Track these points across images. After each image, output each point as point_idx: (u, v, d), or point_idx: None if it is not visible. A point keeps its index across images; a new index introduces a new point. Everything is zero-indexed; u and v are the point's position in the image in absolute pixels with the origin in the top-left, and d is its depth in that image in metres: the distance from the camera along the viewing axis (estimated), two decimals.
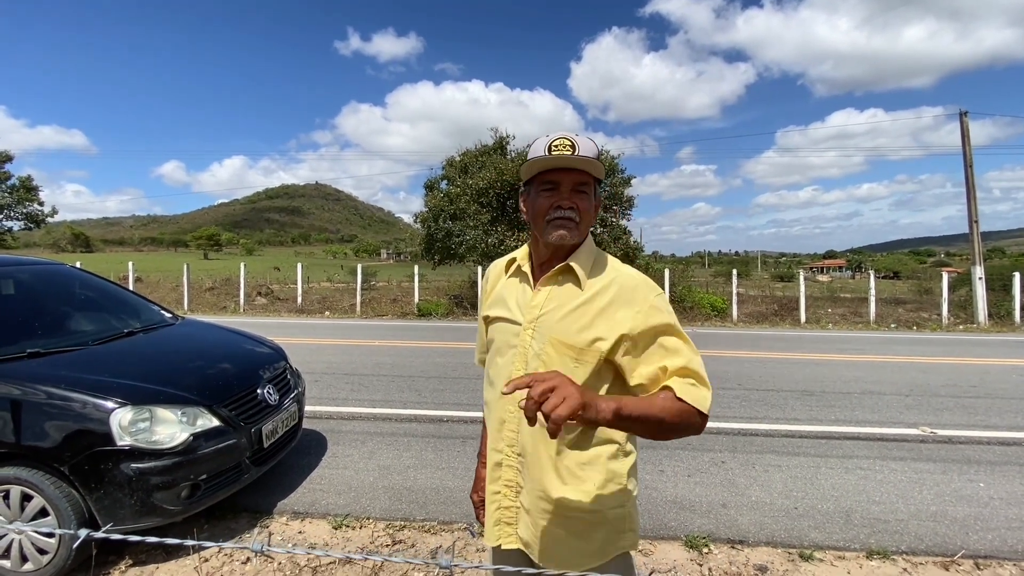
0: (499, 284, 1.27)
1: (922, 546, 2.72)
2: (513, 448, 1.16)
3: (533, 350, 1.13)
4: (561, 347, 1.09)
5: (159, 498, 2.40)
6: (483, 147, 17.27)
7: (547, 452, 1.12)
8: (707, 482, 3.43)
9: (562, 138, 1.08)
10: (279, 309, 15.41)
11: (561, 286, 1.14)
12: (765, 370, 6.81)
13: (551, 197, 1.10)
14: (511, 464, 1.17)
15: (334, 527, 2.86)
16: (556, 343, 1.10)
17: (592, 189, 1.12)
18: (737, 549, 2.69)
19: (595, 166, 1.08)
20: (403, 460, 3.79)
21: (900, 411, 4.98)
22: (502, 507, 1.19)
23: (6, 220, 24.14)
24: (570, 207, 1.09)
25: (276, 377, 3.32)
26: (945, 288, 13.01)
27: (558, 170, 1.09)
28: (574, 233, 1.11)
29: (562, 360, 1.09)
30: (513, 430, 1.16)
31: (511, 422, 1.17)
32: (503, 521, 1.19)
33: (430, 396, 5.49)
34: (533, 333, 1.13)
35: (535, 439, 1.12)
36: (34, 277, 3.34)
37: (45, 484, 2.30)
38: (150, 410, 2.46)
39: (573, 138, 1.08)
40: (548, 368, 1.09)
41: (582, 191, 1.10)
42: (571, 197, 1.10)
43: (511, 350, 1.17)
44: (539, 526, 1.13)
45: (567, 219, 1.09)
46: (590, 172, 1.10)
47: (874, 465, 3.71)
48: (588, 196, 1.11)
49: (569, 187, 1.10)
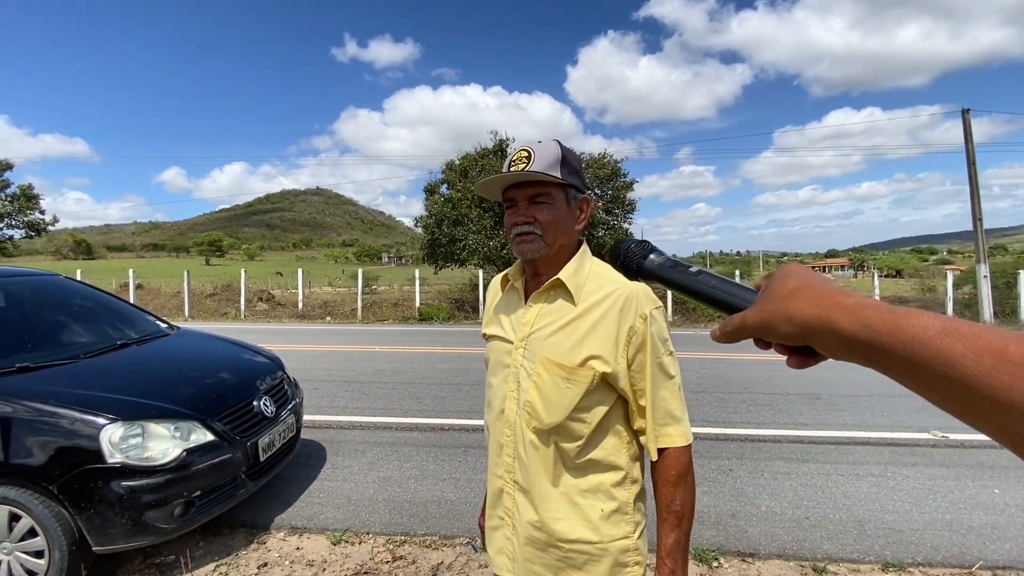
0: (496, 301, 1.23)
1: (939, 557, 2.64)
2: (511, 474, 1.11)
3: (525, 370, 1.08)
4: (551, 366, 1.04)
5: (152, 516, 2.33)
6: (483, 150, 17.23)
7: (546, 478, 1.06)
8: (715, 491, 3.35)
9: (520, 151, 1.05)
10: (280, 315, 15.36)
11: (552, 302, 1.09)
12: (770, 373, 6.72)
13: (512, 215, 1.08)
14: (509, 492, 1.12)
15: (333, 543, 2.78)
16: (546, 362, 1.05)
17: (557, 196, 1.06)
18: (748, 563, 2.61)
19: (538, 177, 1.02)
20: (404, 471, 3.71)
21: (910, 414, 4.89)
22: (506, 537, 1.13)
23: (7, 229, 24.14)
24: (526, 221, 1.05)
25: (273, 388, 3.25)
26: (950, 286, 12.92)
27: (514, 186, 1.06)
28: (539, 245, 1.05)
29: (553, 380, 1.03)
30: (510, 455, 1.11)
31: (508, 447, 1.11)
32: (504, 553, 1.13)
33: (431, 404, 5.41)
34: (524, 352, 1.09)
35: (534, 465, 1.06)
36: (25, 289, 3.28)
37: (34, 503, 2.23)
38: (142, 425, 2.39)
39: (532, 149, 1.04)
40: (541, 389, 1.04)
41: (540, 202, 1.05)
42: (528, 210, 1.05)
43: (504, 370, 1.13)
44: (534, 561, 1.07)
45: (527, 234, 1.05)
46: (547, 180, 1.04)
47: (885, 471, 3.63)
48: (549, 205, 1.05)
49: (525, 201, 1.05)
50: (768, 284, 0.48)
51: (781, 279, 0.46)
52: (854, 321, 0.39)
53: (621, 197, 16.43)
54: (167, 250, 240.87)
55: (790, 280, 0.45)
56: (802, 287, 0.44)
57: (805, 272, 0.46)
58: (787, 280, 0.45)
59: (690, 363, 7.35)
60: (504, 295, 1.20)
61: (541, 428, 1.05)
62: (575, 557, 1.05)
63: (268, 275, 32.82)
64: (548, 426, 1.05)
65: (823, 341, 0.41)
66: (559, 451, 1.06)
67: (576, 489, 1.06)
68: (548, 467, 1.06)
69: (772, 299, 0.45)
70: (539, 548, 1.07)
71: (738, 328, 0.47)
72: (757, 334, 0.46)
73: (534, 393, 1.06)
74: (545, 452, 1.06)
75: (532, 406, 1.06)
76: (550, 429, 1.05)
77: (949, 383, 0.33)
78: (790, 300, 0.43)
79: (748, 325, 0.46)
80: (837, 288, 0.43)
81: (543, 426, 1.05)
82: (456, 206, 15.95)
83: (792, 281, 0.45)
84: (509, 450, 1.11)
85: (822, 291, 0.43)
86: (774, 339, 0.45)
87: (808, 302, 0.42)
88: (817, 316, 0.41)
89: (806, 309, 0.42)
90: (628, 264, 0.65)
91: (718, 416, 4.86)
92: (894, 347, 0.36)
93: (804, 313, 0.42)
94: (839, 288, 0.43)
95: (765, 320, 0.45)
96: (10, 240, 24.62)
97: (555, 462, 1.06)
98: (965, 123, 13.96)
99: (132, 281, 16.55)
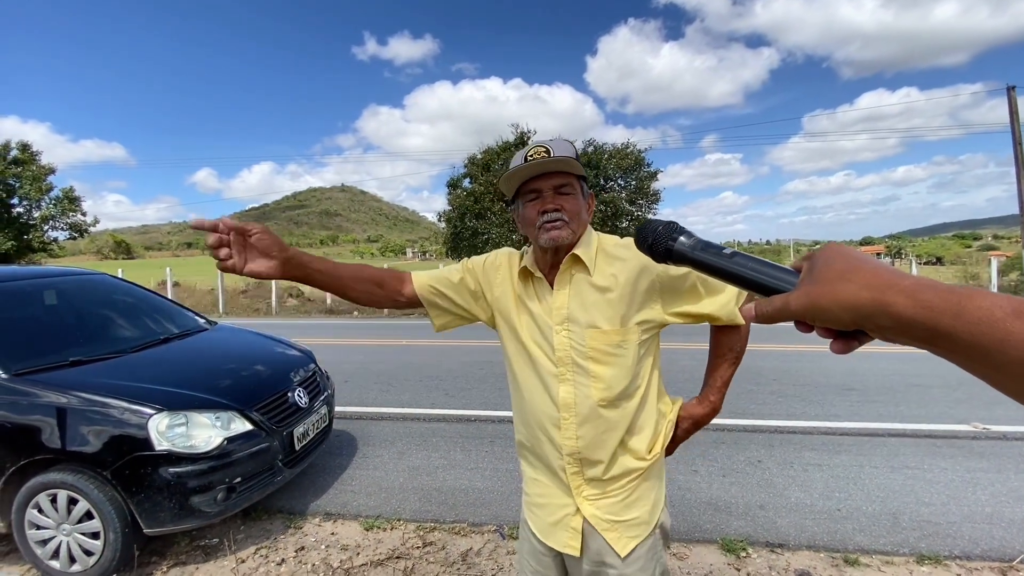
0: (513, 291, 1.24)
1: (977, 550, 2.57)
2: (574, 455, 1.17)
3: (577, 350, 1.13)
4: (601, 336, 1.11)
5: (197, 501, 2.46)
6: (505, 143, 17.22)
7: (612, 443, 1.15)
8: (743, 482, 3.33)
9: (536, 148, 1.11)
10: (310, 310, 15.74)
11: (576, 282, 1.16)
12: (802, 364, 6.58)
13: (536, 204, 1.12)
14: (569, 470, 1.19)
15: (365, 528, 2.88)
16: (595, 334, 1.11)
17: (577, 188, 1.13)
18: (777, 553, 2.60)
19: (571, 164, 1.09)
20: (432, 461, 3.80)
21: (949, 406, 4.73)
22: (568, 515, 1.20)
23: (51, 231, 25.30)
24: (555, 208, 1.10)
25: (306, 380, 3.36)
26: (994, 273, 12.36)
27: (537, 178, 1.11)
28: (567, 231, 1.11)
29: (612, 348, 1.12)
30: (572, 437, 1.16)
31: (569, 428, 1.16)
32: (568, 526, 1.20)
33: (458, 395, 5.50)
34: (569, 334, 1.14)
35: (599, 435, 1.15)
36: (75, 287, 3.47)
37: (89, 488, 2.38)
38: (186, 415, 2.52)
39: (548, 144, 1.11)
40: (600, 364, 1.12)
41: (565, 192, 1.12)
42: (555, 199, 1.11)
43: (548, 359, 1.17)
44: (595, 506, 1.17)
45: (556, 221, 1.10)
46: (570, 171, 1.11)
47: (922, 464, 3.54)
48: (574, 195, 1.12)
49: (551, 191, 1.11)
50: (811, 266, 0.45)
51: (826, 260, 0.43)
52: (913, 304, 0.36)
53: (645, 187, 16.23)
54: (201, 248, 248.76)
55: (837, 262, 0.42)
56: (852, 269, 0.41)
57: (852, 252, 0.43)
58: (833, 262, 0.42)
59: None
60: (522, 285, 1.23)
61: (611, 397, 1.13)
62: (628, 490, 1.18)
63: None
64: (617, 393, 1.13)
65: (878, 325, 0.39)
66: (623, 413, 1.15)
67: (636, 438, 1.17)
68: (616, 431, 1.14)
69: (819, 281, 0.42)
70: (602, 483, 1.17)
71: (779, 311, 0.45)
72: (802, 318, 0.43)
73: (596, 367, 1.12)
74: (611, 417, 1.14)
75: (598, 378, 1.13)
76: (617, 395, 1.13)
77: (1021, 367, 0.31)
78: (840, 283, 0.40)
79: (792, 309, 0.44)
80: (890, 268, 0.40)
81: (613, 394, 1.13)
82: (479, 200, 16.01)
83: (839, 263, 0.42)
84: (570, 432, 1.15)
85: (875, 272, 0.40)
86: (821, 323, 0.43)
87: (860, 284, 0.39)
88: (872, 300, 0.38)
89: (859, 293, 0.39)
90: (656, 247, 0.61)
91: (747, 408, 4.80)
92: (957, 330, 0.34)
93: (857, 297, 0.39)
94: (892, 268, 0.40)
95: (813, 303, 0.42)
96: (55, 241, 25.80)
97: (618, 425, 1.15)
98: (1011, 101, 13.28)
99: (169, 279, 17.18)
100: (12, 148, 23.87)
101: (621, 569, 1.14)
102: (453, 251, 17.79)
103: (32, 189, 23.75)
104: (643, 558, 1.15)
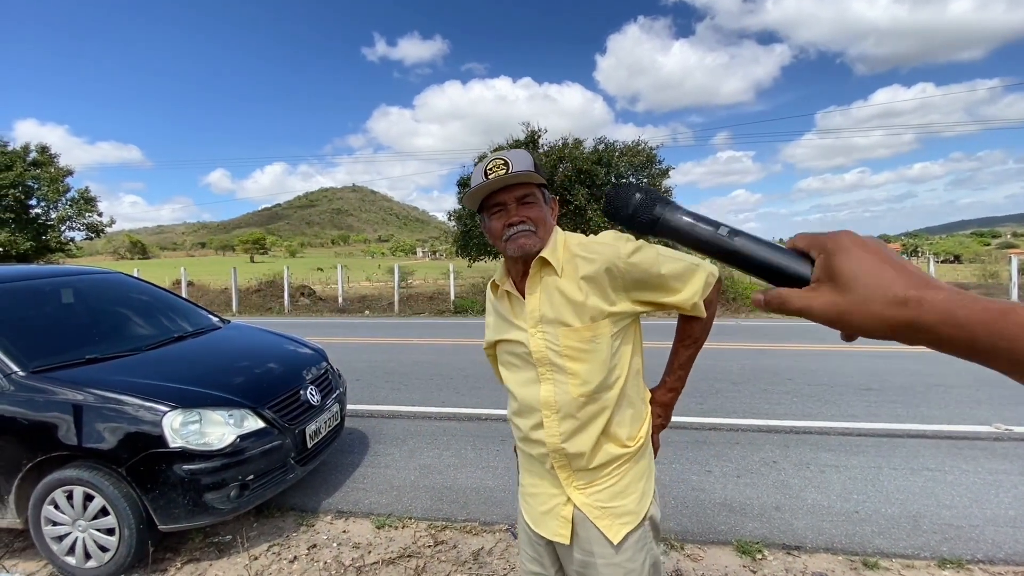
0: (493, 309, 1.32)
1: (1001, 554, 2.50)
2: (559, 451, 1.20)
3: (552, 350, 1.17)
4: (572, 334, 1.15)
5: (210, 498, 2.47)
6: (515, 142, 17.20)
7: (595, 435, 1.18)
8: (758, 483, 3.28)
9: (495, 160, 1.13)
10: (321, 309, 15.85)
11: (545, 285, 1.19)
12: (817, 363, 6.48)
13: (501, 217, 1.15)
14: (556, 465, 1.22)
15: (377, 527, 2.88)
16: (566, 332, 1.15)
17: (539, 196, 1.17)
18: (794, 556, 2.55)
19: (532, 176, 1.12)
20: (443, 459, 3.79)
21: (970, 407, 4.63)
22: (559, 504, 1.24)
23: (68, 231, 25.73)
24: (521, 220, 1.14)
25: (318, 378, 3.37)
26: (1014, 271, 12.07)
27: (500, 191, 1.14)
28: (535, 240, 1.15)
29: (584, 343, 1.14)
30: (555, 434, 1.20)
31: (552, 426, 1.20)
32: (558, 515, 1.23)
33: (468, 394, 5.49)
34: (543, 335, 1.18)
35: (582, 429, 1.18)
36: (91, 286, 3.51)
37: (104, 484, 2.40)
38: (199, 413, 2.53)
39: (506, 156, 1.13)
40: (575, 361, 1.15)
41: (528, 202, 1.15)
42: (519, 211, 1.14)
43: (525, 362, 1.22)
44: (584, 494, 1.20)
45: (523, 232, 1.14)
46: (531, 182, 1.14)
47: (943, 466, 3.46)
48: (536, 204, 1.16)
49: (514, 203, 1.14)
50: (830, 265, 0.42)
51: (852, 267, 0.40)
52: (948, 322, 0.36)
53: (657, 185, 16.10)
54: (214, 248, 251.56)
55: (863, 269, 0.40)
56: (882, 281, 0.39)
57: (878, 253, 0.41)
58: (860, 270, 0.40)
59: (732, 354, 7.16)
60: (498, 300, 1.29)
61: (588, 391, 1.16)
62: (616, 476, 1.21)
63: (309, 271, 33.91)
64: (594, 386, 1.16)
65: (913, 340, 0.38)
66: (602, 405, 1.17)
67: (618, 427, 1.20)
68: (597, 423, 1.17)
69: (846, 290, 0.40)
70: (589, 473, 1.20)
71: (799, 311, 0.43)
72: (826, 324, 0.42)
73: (571, 364, 1.15)
74: (591, 410, 1.17)
75: (575, 374, 1.16)
76: (595, 388, 1.16)
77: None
78: (871, 298, 0.39)
79: (816, 314, 0.42)
80: (922, 277, 0.39)
81: (590, 388, 1.16)
82: None
83: (867, 271, 0.40)
84: (553, 429, 1.19)
85: (907, 282, 0.38)
86: (847, 332, 0.42)
87: (892, 301, 0.38)
88: (907, 320, 0.38)
89: (894, 312, 0.38)
90: (638, 218, 0.54)
91: (761, 408, 4.73)
92: (997, 345, 0.34)
93: (892, 317, 0.38)
94: (923, 276, 0.39)
95: (841, 315, 0.41)
96: (72, 241, 26.23)
97: (599, 416, 1.17)
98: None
99: (184, 278, 17.40)
100: (31, 151, 24.31)
101: (610, 558, 1.17)
102: (463, 250, 17.81)
103: (50, 191, 24.18)
104: (632, 548, 1.18)
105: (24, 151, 24.08)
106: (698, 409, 4.66)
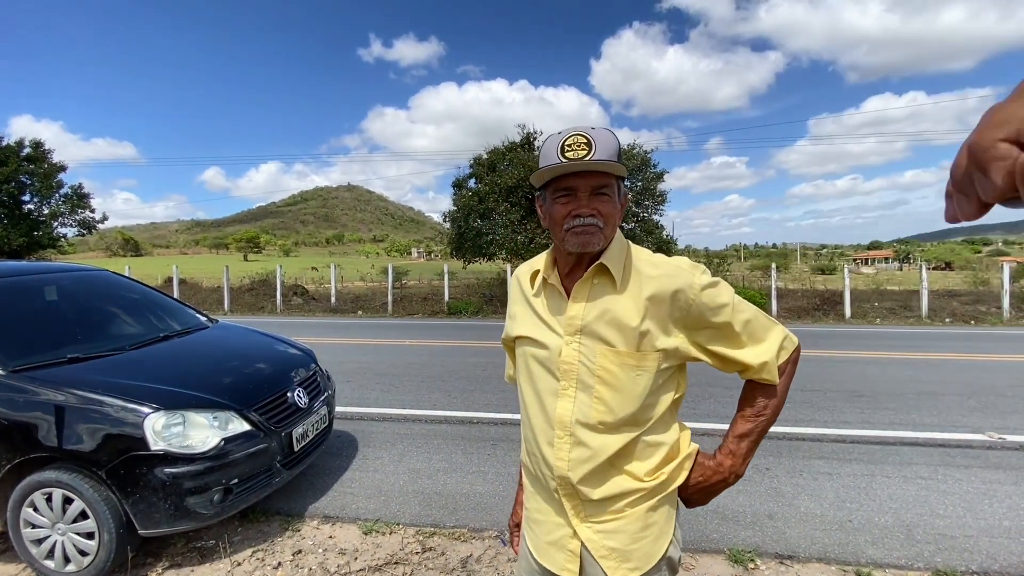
0: (526, 298, 1.15)
1: (995, 566, 2.48)
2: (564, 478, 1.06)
3: (585, 367, 1.02)
4: (613, 356, 1.00)
5: (192, 502, 2.41)
6: (510, 144, 17.19)
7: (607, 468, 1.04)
8: (751, 491, 3.25)
9: (575, 136, 0.96)
10: (314, 309, 15.74)
11: (597, 292, 1.03)
12: (809, 369, 6.48)
13: (568, 204, 1.00)
14: (563, 491, 1.08)
15: (364, 532, 2.83)
16: (606, 352, 1.00)
17: (615, 189, 1.01)
18: (786, 565, 2.52)
19: (616, 168, 0.97)
20: (433, 463, 3.74)
21: (962, 414, 4.63)
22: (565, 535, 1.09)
23: (60, 227, 25.48)
24: (591, 214, 0.98)
25: (306, 380, 3.31)
26: (1006, 279, 12.16)
27: (574, 174, 0.98)
28: (598, 239, 0.99)
29: (623, 371, 1.00)
30: (564, 458, 1.05)
31: (563, 447, 1.06)
32: (563, 547, 1.09)
33: (460, 397, 5.44)
34: (579, 346, 1.03)
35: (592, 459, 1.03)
36: (75, 283, 3.44)
37: (84, 487, 2.34)
38: (183, 415, 2.47)
39: (589, 134, 0.96)
40: (607, 385, 1.01)
41: (603, 194, 0.99)
42: (591, 203, 0.98)
43: (548, 370, 1.07)
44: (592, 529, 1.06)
45: (589, 226, 0.98)
46: (612, 172, 0.99)
47: (936, 474, 3.44)
48: (611, 198, 1.00)
49: (587, 192, 0.98)
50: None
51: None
52: None
53: (651, 188, 16.14)
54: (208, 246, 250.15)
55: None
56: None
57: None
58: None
59: None
60: (534, 292, 1.13)
61: (611, 421, 1.02)
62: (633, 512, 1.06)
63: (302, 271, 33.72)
64: (619, 419, 1.02)
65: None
66: (620, 439, 1.03)
67: (637, 459, 1.06)
68: (609, 455, 1.03)
69: None
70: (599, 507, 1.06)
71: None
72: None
73: (601, 388, 1.01)
74: (608, 441, 1.02)
75: (601, 399, 1.01)
76: (620, 421, 1.02)
77: None
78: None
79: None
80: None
81: (614, 419, 1.02)
82: (483, 200, 15.98)
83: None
84: (563, 452, 1.05)
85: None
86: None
87: None
88: None
89: None
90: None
91: None
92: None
93: None
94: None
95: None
96: (64, 238, 25.97)
97: (613, 449, 1.03)
98: None
99: (176, 276, 17.26)
100: (25, 146, 24.07)
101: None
102: (458, 251, 17.77)
103: (43, 187, 23.96)
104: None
105: (18, 146, 23.84)
106: (691, 414, 4.64)
